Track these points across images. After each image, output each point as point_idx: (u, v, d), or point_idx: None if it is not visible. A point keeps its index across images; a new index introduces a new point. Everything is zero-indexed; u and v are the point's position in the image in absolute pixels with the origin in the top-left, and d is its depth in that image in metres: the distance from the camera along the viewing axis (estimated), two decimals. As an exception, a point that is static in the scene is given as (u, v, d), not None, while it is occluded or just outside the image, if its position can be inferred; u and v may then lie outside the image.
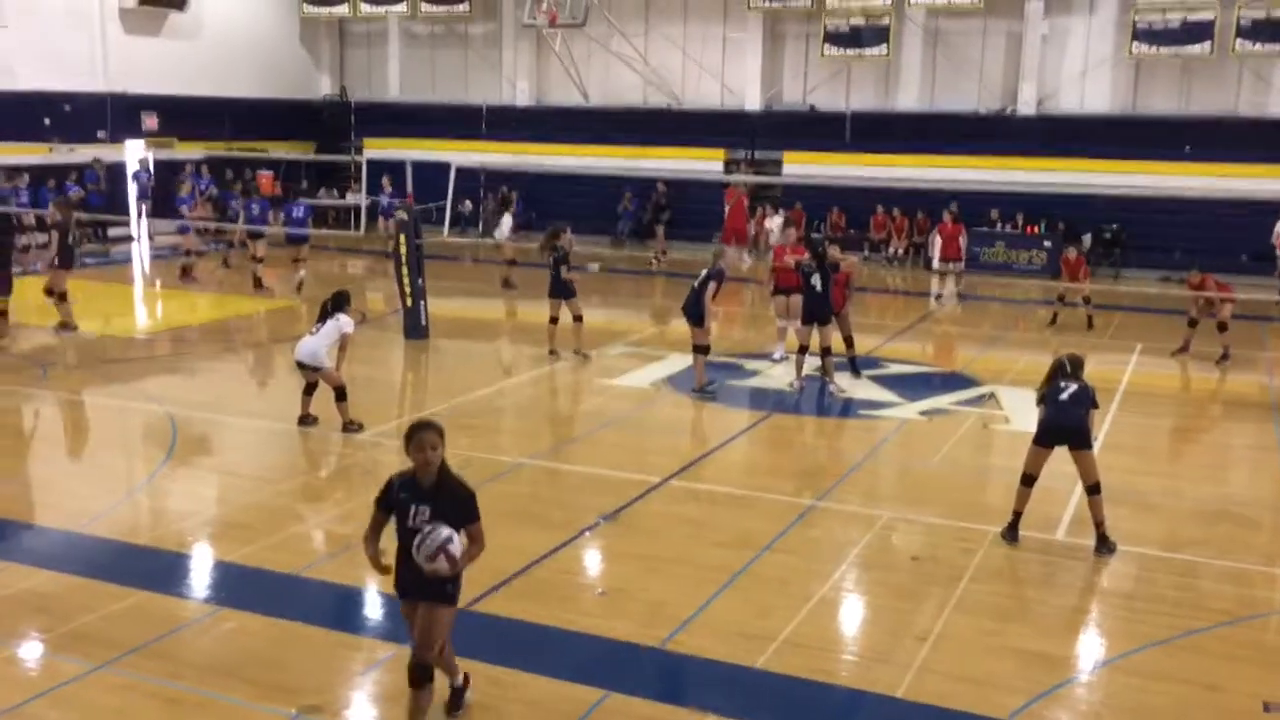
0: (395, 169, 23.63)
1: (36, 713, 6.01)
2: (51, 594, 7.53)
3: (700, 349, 13.33)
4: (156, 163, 26.58)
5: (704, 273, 13.29)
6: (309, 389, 11.51)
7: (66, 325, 15.91)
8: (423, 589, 5.61)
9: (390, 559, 5.73)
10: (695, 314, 13.21)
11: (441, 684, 5.95)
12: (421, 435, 5.55)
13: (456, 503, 5.63)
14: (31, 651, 6.86)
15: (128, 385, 13.51)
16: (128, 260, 24.71)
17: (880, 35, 25.95)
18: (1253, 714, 6.36)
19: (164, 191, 25.59)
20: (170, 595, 7.67)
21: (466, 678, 6.17)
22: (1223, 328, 15.62)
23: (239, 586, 7.82)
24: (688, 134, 27.67)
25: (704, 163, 27.09)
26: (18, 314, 16.05)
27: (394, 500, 5.64)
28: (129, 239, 26.22)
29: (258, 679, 6.47)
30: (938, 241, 22.84)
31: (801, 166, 26.23)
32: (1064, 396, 8.68)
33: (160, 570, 8.04)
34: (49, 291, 16.05)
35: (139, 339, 16.70)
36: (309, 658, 6.78)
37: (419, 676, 5.65)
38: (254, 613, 7.35)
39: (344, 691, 6.48)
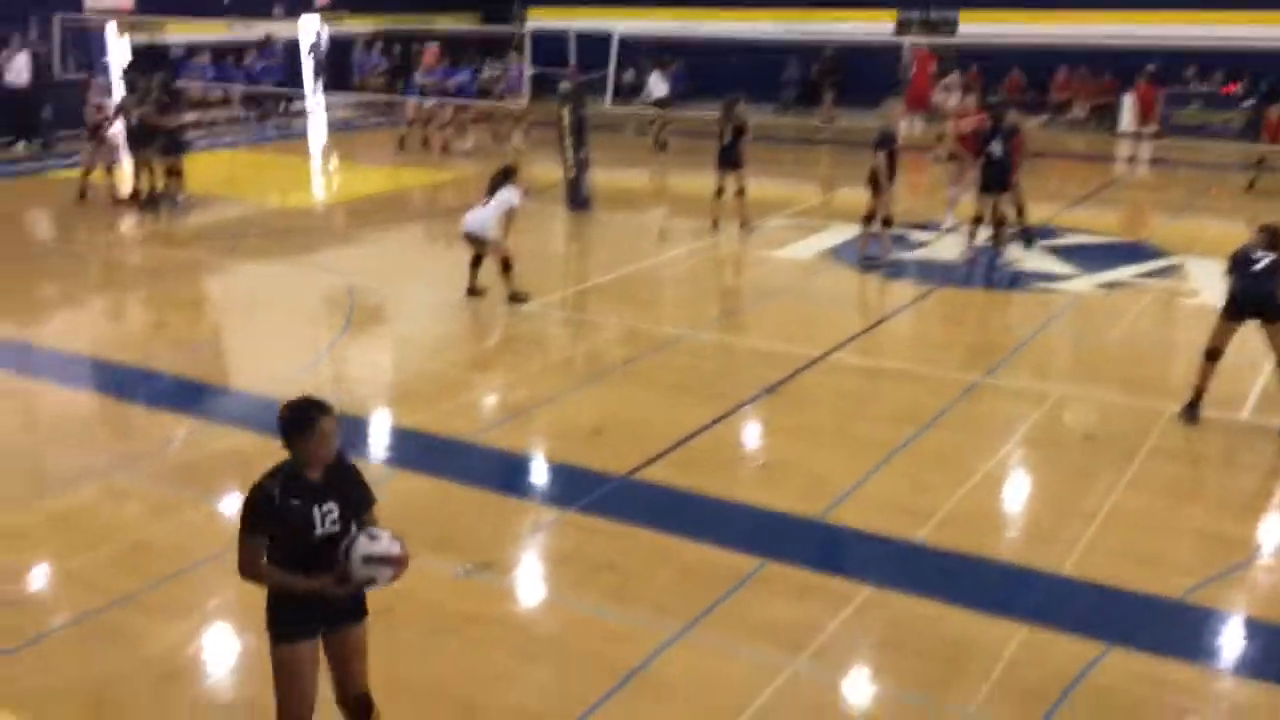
0: (559, 39, 23.50)
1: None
2: (249, 452, 8.07)
3: (884, 220, 12.96)
4: (329, 37, 27.20)
5: (878, 136, 12.88)
6: (476, 260, 11.80)
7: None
8: (344, 611, 4.46)
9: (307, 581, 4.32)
10: (880, 182, 12.79)
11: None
12: (322, 421, 4.35)
13: (359, 485, 4.54)
14: (231, 505, 7.40)
15: (308, 256, 14.13)
16: (305, 134, 25.55)
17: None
18: None
19: (337, 65, 26.26)
20: (353, 455, 8.10)
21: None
22: None
23: (414, 449, 8.22)
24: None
25: (874, 24, 25.98)
26: (209, 187, 16.86)
27: (281, 514, 4.24)
28: (306, 112, 27.08)
29: (431, 536, 6.83)
30: (1130, 103, 21.41)
31: (979, 25, 24.84)
32: (1257, 267, 8.15)
33: (343, 432, 8.49)
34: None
35: (317, 210, 17.36)
36: (479, 519, 7.12)
37: (366, 713, 4.64)
38: (428, 475, 7.73)
39: (511, 551, 6.80)
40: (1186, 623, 5.96)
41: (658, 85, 21.85)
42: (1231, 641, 5.82)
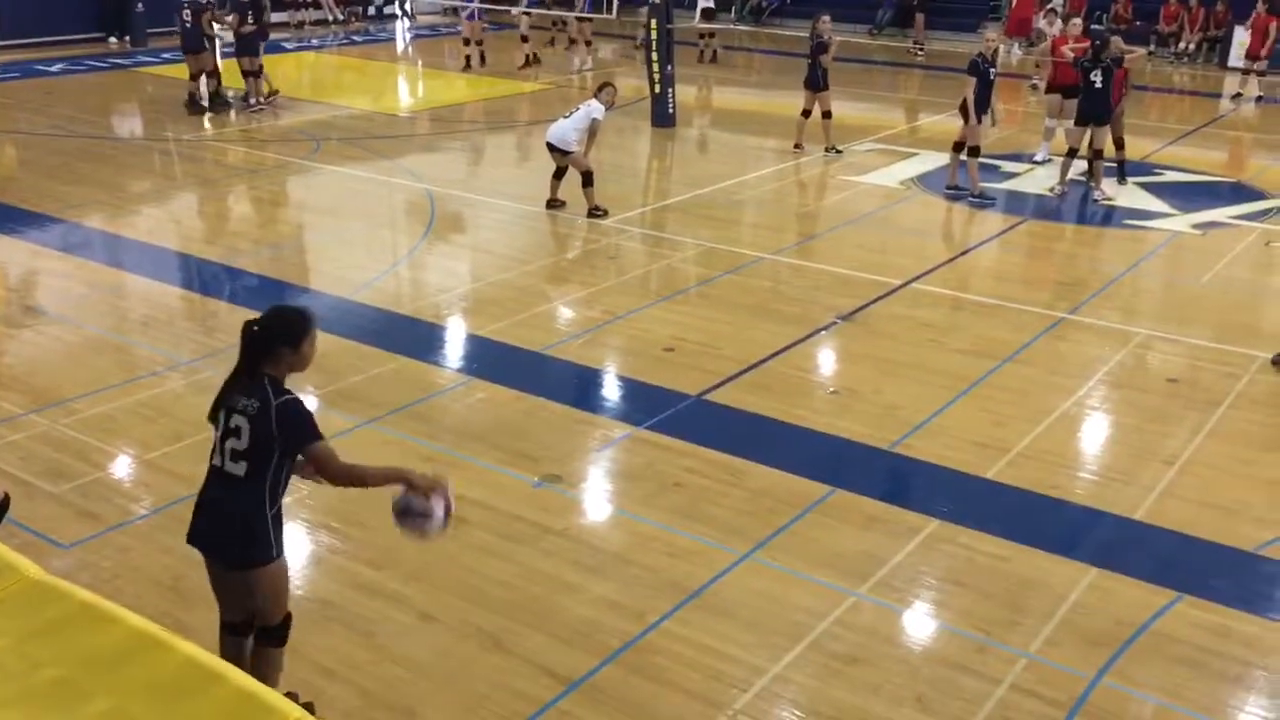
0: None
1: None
2: (325, 353, 8.12)
3: (970, 150, 12.63)
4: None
5: (970, 63, 12.49)
6: (558, 173, 11.77)
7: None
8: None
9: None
10: (974, 110, 12.42)
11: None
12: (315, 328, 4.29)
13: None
14: (308, 404, 7.56)
15: (391, 162, 14.20)
16: (393, 39, 25.52)
17: None
18: None
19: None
20: (428, 363, 8.25)
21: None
22: None
23: (490, 359, 8.30)
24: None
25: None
26: (294, 89, 16.97)
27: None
28: (396, 17, 27.01)
29: (504, 446, 6.93)
30: (1244, 35, 20.43)
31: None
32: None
33: (420, 339, 8.63)
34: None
35: (402, 117, 17.40)
36: (551, 431, 7.20)
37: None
38: (502, 385, 7.82)
39: (582, 465, 6.87)
40: (1259, 576, 5.85)
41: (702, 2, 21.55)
42: (1307, 597, 5.71)
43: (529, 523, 6.11)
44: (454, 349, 8.67)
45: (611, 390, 8.00)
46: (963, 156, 12.72)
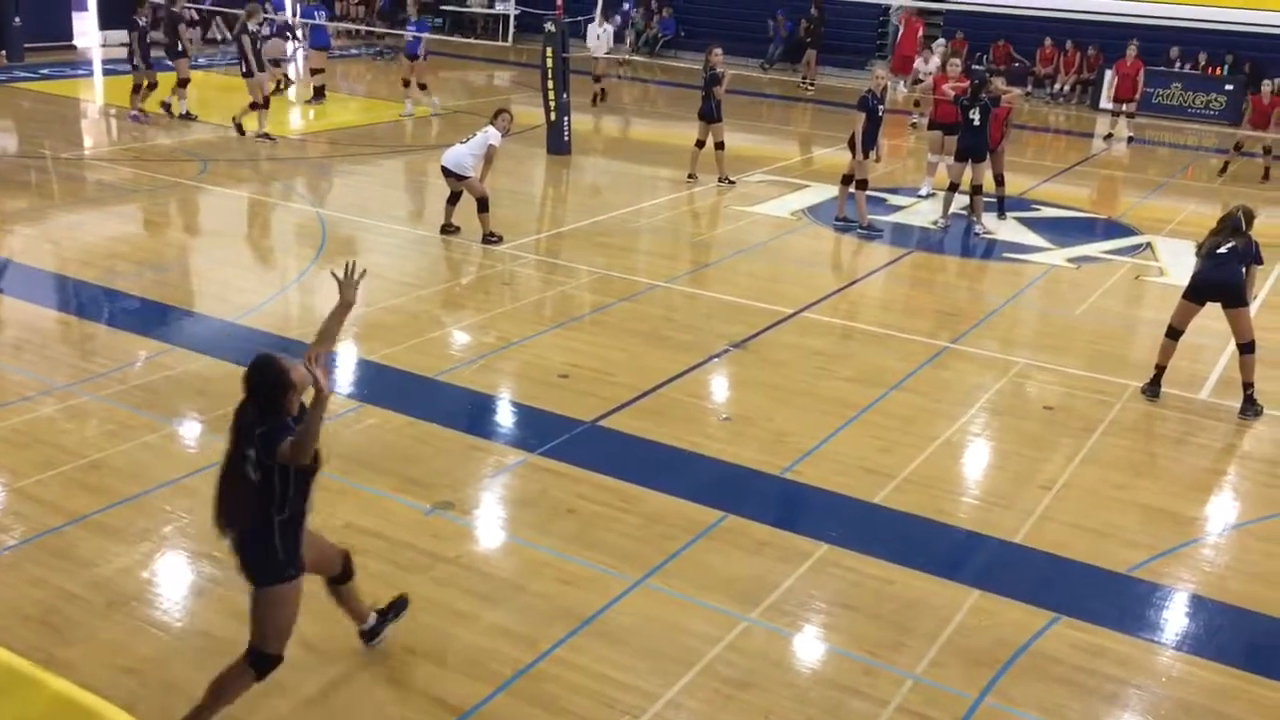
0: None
1: (194, 486, 6.49)
2: (211, 378, 8.02)
3: (858, 183, 12.93)
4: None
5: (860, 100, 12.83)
6: (453, 198, 11.71)
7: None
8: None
9: None
10: (861, 145, 12.74)
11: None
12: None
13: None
14: (191, 430, 7.37)
15: (282, 184, 13.94)
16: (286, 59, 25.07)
17: None
18: (1388, 591, 6.18)
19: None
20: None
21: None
22: None
23: (381, 385, 8.19)
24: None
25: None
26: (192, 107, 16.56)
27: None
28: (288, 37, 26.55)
29: (396, 473, 6.83)
30: (1113, 79, 21.41)
31: (968, -9, 24.68)
32: (1221, 250, 8.25)
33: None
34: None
35: (293, 138, 17.11)
36: (444, 457, 7.12)
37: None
38: (394, 411, 7.71)
39: (475, 491, 6.81)
40: (1132, 597, 6.07)
41: (595, 37, 20.40)
42: (1173, 617, 5.95)
43: (420, 551, 6.03)
44: (344, 374, 8.53)
45: (505, 416, 7.96)
46: (851, 189, 13.04)
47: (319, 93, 19.35)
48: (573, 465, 7.04)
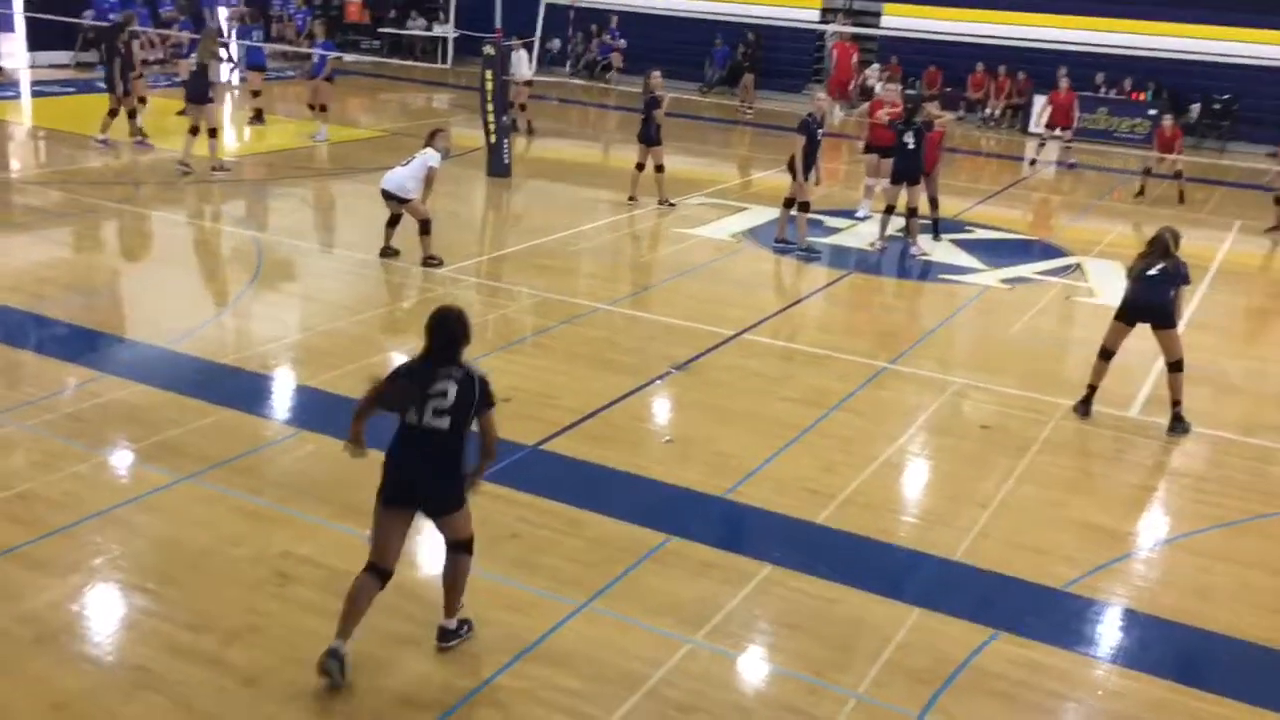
0: (485, 1, 23.19)
1: (125, 517, 6.35)
2: (142, 405, 7.86)
3: (800, 205, 13.06)
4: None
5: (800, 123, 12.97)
6: (392, 221, 11.62)
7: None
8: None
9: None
10: (801, 167, 12.86)
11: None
12: None
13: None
14: (122, 459, 7.21)
15: (216, 207, 13.74)
16: (219, 81, 24.77)
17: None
18: (1313, 602, 6.34)
19: (259, 14, 25.50)
20: (254, 414, 7.96)
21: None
22: None
23: (320, 410, 8.08)
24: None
25: (798, 10, 26.15)
26: (117, 132, 16.27)
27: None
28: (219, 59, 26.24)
29: (335, 500, 6.74)
30: (1045, 105, 21.87)
31: (901, 19, 25.18)
32: (1151, 272, 8.45)
33: (244, 390, 8.34)
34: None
35: (227, 161, 16.89)
36: (384, 483, 7.02)
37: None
38: (332, 437, 7.60)
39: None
40: (1068, 612, 6.17)
41: (521, 64, 19.56)
42: (1108, 631, 6.05)
43: (360, 578, 5.93)
44: (282, 400, 8.41)
45: (446, 441, 7.88)
46: (792, 212, 13.17)
47: (257, 115, 19.14)
48: (516, 489, 6.99)
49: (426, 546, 6.46)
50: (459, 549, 5.34)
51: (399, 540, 5.23)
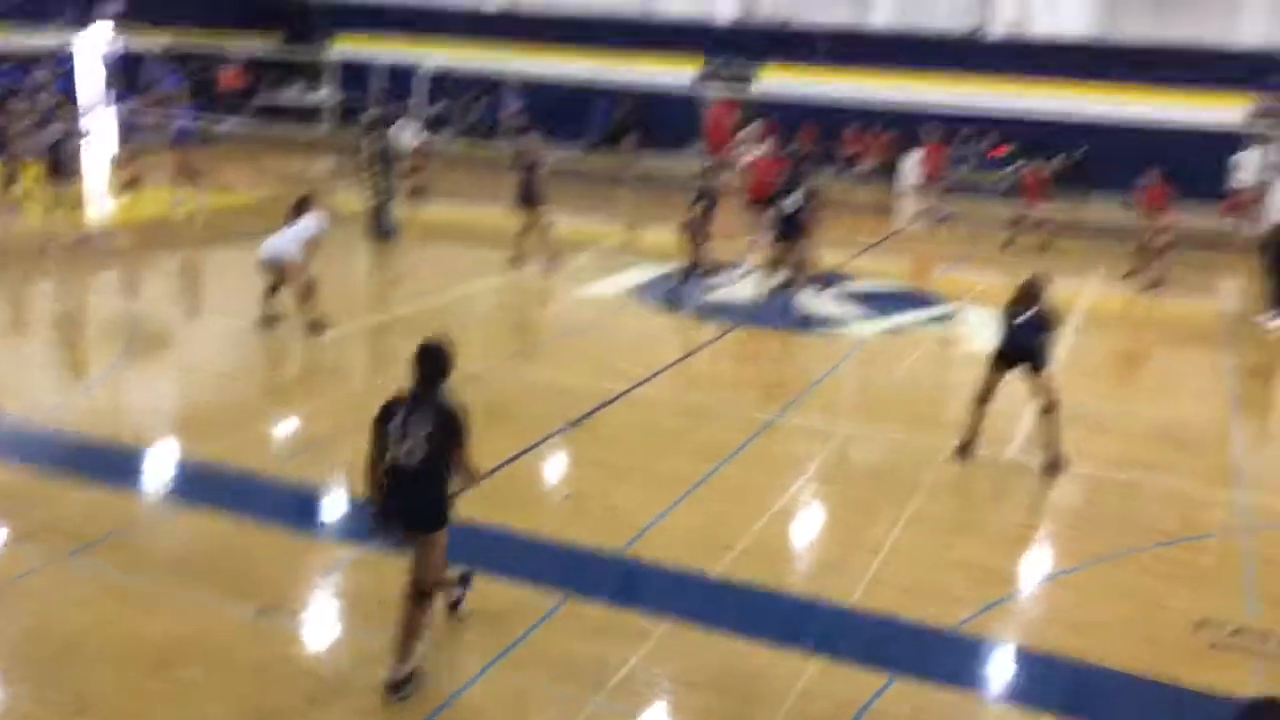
0: (365, 67, 23.12)
1: (-2, 602, 6.06)
2: (11, 484, 7.52)
3: (695, 263, 13.27)
4: (119, 50, 25.84)
5: (697, 190, 13.25)
6: (273, 287, 11.42)
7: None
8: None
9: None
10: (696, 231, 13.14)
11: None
12: None
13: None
14: (-8, 542, 6.88)
15: (87, 277, 13.31)
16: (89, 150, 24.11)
17: (857, -51, 25.62)
18: (1187, 629, 6.60)
19: (128, 80, 24.99)
20: (131, 490, 7.69)
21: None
22: (1158, 254, 15.82)
23: (200, 483, 7.84)
24: (661, 44, 27.25)
25: (677, 73, 26.71)
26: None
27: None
28: (83, 132, 25.56)
29: (218, 576, 6.53)
30: (914, 160, 22.70)
31: (776, 81, 25.90)
32: (1020, 319, 8.80)
33: (121, 465, 8.05)
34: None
35: (98, 230, 16.40)
36: (270, 557, 6.85)
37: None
38: (215, 510, 7.39)
39: (305, 591, 6.56)
40: (960, 652, 6.31)
41: (404, 135, 19.44)
42: (999, 669, 6.21)
43: (249, 657, 5.76)
44: (160, 474, 8.14)
45: (336, 510, 7.73)
46: (690, 270, 13.32)
47: (130, 184, 18.69)
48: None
49: (313, 620, 6.30)
50: (413, 594, 5.55)
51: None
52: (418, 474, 5.43)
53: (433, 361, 5.56)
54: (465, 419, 5.50)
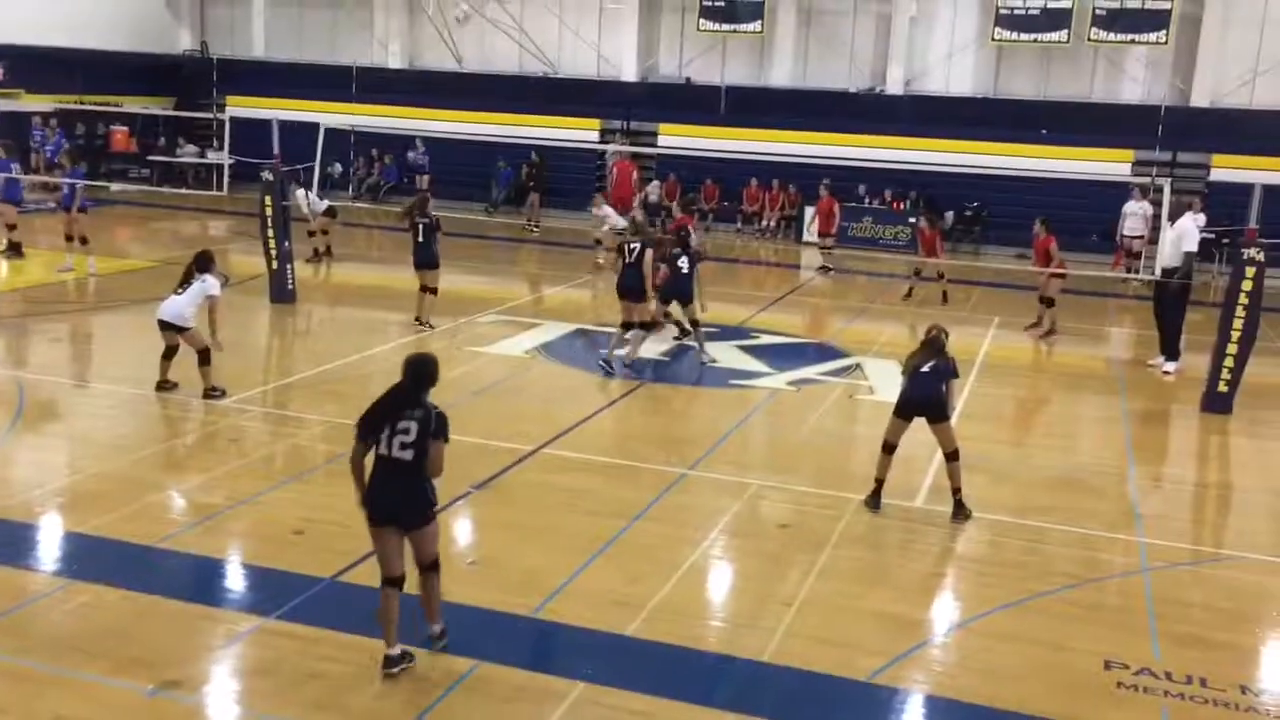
0: (260, 128, 22.81)
1: None
2: (-114, 567, 7.13)
3: (644, 326, 13.11)
4: (1, 114, 25.14)
5: (637, 245, 13.11)
6: (169, 353, 11.10)
7: None
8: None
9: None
10: (637, 289, 12.94)
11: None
12: None
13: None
14: None
15: (-30, 348, 12.80)
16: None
17: (755, 11, 26.35)
18: (1094, 671, 6.71)
19: (15, 143, 24.28)
20: (19, 568, 7.34)
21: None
22: (1049, 303, 16.37)
23: (93, 558, 7.53)
24: (563, 102, 27.52)
25: (579, 132, 26.96)
26: None
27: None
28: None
29: (113, 654, 6.25)
30: (813, 215, 23.19)
31: (677, 138, 26.30)
32: (924, 369, 8.97)
33: (8, 541, 7.69)
34: None
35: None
36: (167, 632, 6.59)
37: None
38: (109, 585, 7.09)
39: (204, 666, 6.31)
40: (874, 703, 6.32)
41: (303, 203, 19.07)
42: (913, 719, 6.22)
43: (144, 738, 5.50)
44: (49, 549, 7.78)
45: (235, 580, 7.48)
46: (628, 334, 13.11)
47: (15, 248, 18.10)
48: (313, 626, 6.67)
49: (213, 697, 6.06)
50: (428, 569, 6.27)
51: (395, 550, 6.14)
52: (409, 468, 6.05)
53: (423, 370, 6.36)
54: (448, 421, 6.20)
